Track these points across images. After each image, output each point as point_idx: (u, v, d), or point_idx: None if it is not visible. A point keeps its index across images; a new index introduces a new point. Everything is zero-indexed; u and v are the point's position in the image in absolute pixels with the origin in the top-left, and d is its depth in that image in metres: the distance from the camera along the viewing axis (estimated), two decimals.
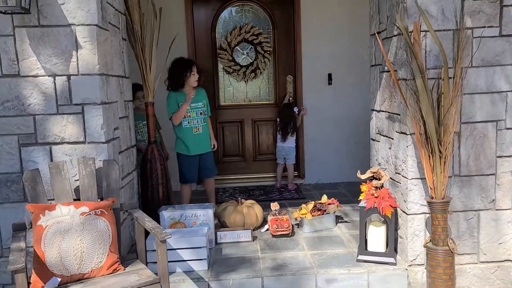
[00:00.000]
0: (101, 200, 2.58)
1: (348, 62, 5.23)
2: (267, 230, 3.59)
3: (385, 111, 3.17)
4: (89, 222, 2.36)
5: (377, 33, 3.16)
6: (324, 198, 3.75)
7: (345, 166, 5.23)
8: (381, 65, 3.22)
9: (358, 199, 3.02)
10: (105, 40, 2.78)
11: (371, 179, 2.99)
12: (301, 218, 3.58)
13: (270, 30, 5.36)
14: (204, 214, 3.29)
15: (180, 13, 5.10)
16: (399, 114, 2.88)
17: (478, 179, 2.80)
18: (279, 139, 5.07)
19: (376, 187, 2.92)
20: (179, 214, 3.28)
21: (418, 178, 2.77)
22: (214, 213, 3.40)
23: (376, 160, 3.42)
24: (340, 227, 3.68)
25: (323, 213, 3.60)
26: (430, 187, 2.64)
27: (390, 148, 3.09)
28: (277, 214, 3.54)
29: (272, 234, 3.48)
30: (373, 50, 3.41)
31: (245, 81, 5.42)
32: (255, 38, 5.28)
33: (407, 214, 2.82)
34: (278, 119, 5.12)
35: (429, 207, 2.66)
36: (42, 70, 2.61)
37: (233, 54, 5.33)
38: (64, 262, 2.25)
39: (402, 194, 2.90)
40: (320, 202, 3.69)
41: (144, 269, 2.46)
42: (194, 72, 3.80)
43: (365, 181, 3.02)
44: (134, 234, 3.09)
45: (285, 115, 5.02)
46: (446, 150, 2.57)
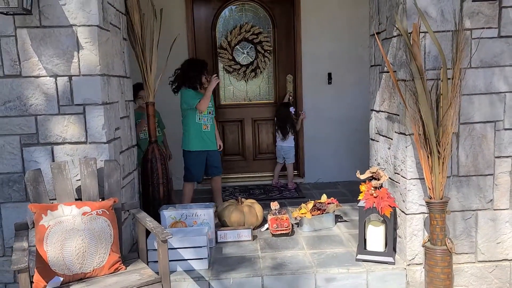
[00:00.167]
0: (102, 200, 2.60)
1: (348, 61, 5.24)
2: (267, 229, 3.62)
3: (384, 112, 3.18)
4: (90, 222, 2.38)
5: (376, 33, 3.17)
6: (323, 198, 3.77)
7: (344, 165, 5.25)
8: (380, 65, 3.23)
9: (358, 199, 3.04)
10: (106, 40, 2.79)
11: (370, 179, 3.01)
12: (300, 217, 3.60)
13: (270, 29, 5.37)
14: (204, 214, 3.32)
15: (180, 12, 5.11)
16: (398, 115, 2.90)
17: (476, 179, 2.82)
18: (278, 139, 5.09)
19: (375, 187, 2.94)
20: (180, 213, 3.30)
21: (417, 178, 2.79)
22: (214, 212, 3.42)
23: (375, 160, 3.44)
24: (339, 227, 3.70)
25: (323, 212, 3.62)
26: (428, 187, 2.65)
27: (389, 148, 3.11)
28: (277, 214, 3.56)
29: (272, 233, 3.50)
30: (372, 51, 3.42)
31: (245, 80, 5.43)
32: (255, 37, 5.30)
33: (406, 214, 2.84)
34: (275, 119, 5.16)
35: (427, 207, 2.68)
36: (44, 70, 2.62)
37: (233, 53, 5.34)
38: (66, 262, 2.27)
39: (401, 194, 2.91)
40: (319, 202, 3.71)
41: (145, 268, 2.48)
42: (206, 73, 3.99)
43: (364, 181, 3.04)
44: (135, 233, 3.11)
45: (281, 115, 5.06)
46: (445, 150, 2.58)
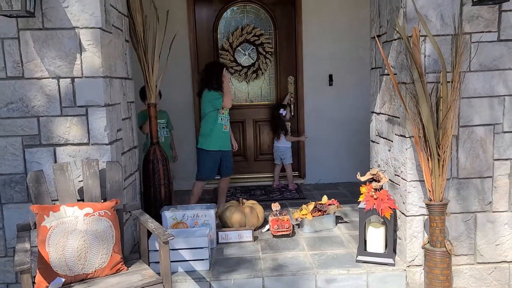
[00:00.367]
0: (104, 201, 2.62)
1: (349, 62, 5.26)
2: (268, 230, 3.63)
3: (385, 114, 3.20)
4: (93, 223, 2.39)
5: (377, 36, 3.19)
6: (324, 199, 3.79)
7: (345, 167, 5.27)
8: (381, 68, 3.24)
9: (358, 201, 3.05)
10: (108, 42, 2.81)
11: (371, 181, 3.02)
12: (301, 218, 3.62)
13: (271, 31, 5.38)
14: (206, 215, 3.33)
15: (182, 13, 5.13)
16: (399, 117, 2.91)
17: (475, 182, 2.83)
18: (275, 139, 5.19)
19: (375, 189, 2.95)
20: (181, 214, 3.32)
21: (417, 181, 2.81)
22: (215, 213, 3.44)
23: (375, 162, 3.45)
24: (340, 228, 3.72)
25: (323, 213, 3.64)
26: (428, 190, 2.67)
27: (389, 150, 3.12)
28: (278, 215, 3.57)
29: (273, 234, 3.52)
30: (373, 53, 3.43)
31: (246, 81, 5.45)
32: (257, 39, 5.31)
33: (406, 216, 2.86)
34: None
35: (427, 209, 2.69)
36: (46, 72, 2.64)
37: (234, 54, 5.36)
38: (68, 263, 2.29)
39: (401, 196, 2.93)
40: (320, 203, 3.73)
41: (146, 269, 2.50)
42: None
43: (364, 183, 3.06)
44: (137, 234, 3.13)
45: (272, 117, 5.22)
46: (445, 153, 2.60)
